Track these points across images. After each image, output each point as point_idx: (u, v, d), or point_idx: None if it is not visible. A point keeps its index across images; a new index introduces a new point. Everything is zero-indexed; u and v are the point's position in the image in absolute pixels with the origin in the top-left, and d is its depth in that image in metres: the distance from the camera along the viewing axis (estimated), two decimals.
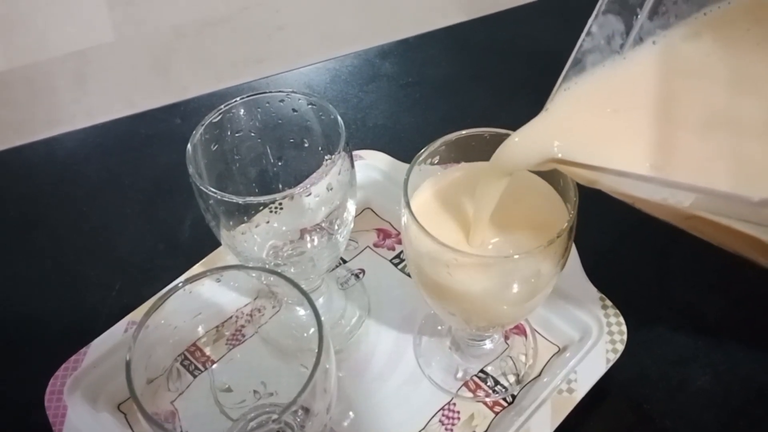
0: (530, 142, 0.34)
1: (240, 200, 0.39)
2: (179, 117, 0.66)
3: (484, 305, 0.39)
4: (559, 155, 0.32)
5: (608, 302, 0.47)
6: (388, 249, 0.54)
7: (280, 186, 0.48)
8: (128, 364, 0.34)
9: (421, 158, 0.40)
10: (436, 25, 0.74)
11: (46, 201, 0.61)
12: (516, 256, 0.35)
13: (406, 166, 0.55)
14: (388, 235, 0.55)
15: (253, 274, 0.41)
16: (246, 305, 0.47)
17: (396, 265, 0.53)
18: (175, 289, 0.37)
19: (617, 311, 0.46)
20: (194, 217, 0.59)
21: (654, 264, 0.53)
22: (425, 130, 0.64)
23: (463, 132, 0.40)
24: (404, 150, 0.57)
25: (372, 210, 0.57)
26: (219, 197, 0.39)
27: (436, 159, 0.40)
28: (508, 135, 0.39)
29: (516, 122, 0.59)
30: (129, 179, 0.62)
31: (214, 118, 0.43)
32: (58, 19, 2.03)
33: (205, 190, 0.39)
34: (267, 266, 0.45)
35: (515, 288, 0.37)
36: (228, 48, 1.89)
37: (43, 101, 1.80)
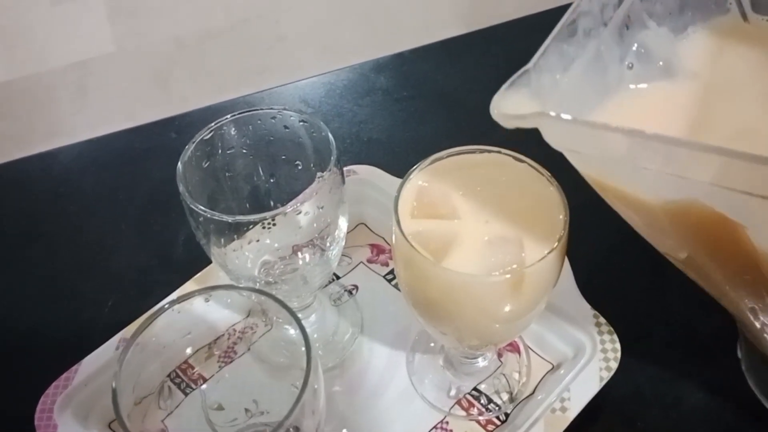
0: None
1: (230, 219, 0.39)
2: (174, 131, 0.66)
3: (476, 324, 0.39)
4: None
5: (602, 319, 0.46)
6: (382, 265, 0.54)
7: (272, 203, 0.48)
8: (114, 391, 0.34)
9: (411, 176, 0.39)
10: (437, 36, 0.74)
11: (42, 215, 0.61)
12: (507, 276, 0.35)
13: (400, 181, 0.55)
14: (381, 251, 0.55)
15: (244, 294, 0.41)
16: (238, 323, 0.47)
17: (389, 281, 0.53)
18: (162, 309, 0.36)
19: (611, 328, 0.46)
20: (188, 232, 0.58)
21: (648, 279, 0.53)
22: (420, 145, 0.64)
23: (454, 150, 0.40)
24: (399, 165, 0.57)
25: (366, 225, 0.56)
26: (209, 215, 0.39)
27: (427, 177, 0.40)
28: (499, 153, 0.39)
29: (511, 138, 0.59)
30: (124, 194, 0.62)
31: (206, 135, 0.43)
32: (58, 30, 2.03)
33: (195, 208, 0.39)
34: (258, 283, 0.45)
35: (507, 306, 0.36)
36: (228, 60, 1.89)
37: (44, 113, 1.80)
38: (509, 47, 0.72)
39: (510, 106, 0.34)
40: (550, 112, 0.31)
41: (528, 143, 0.42)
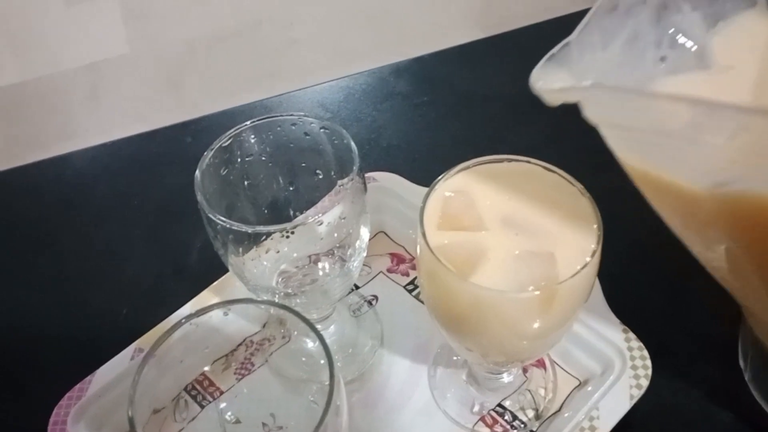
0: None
1: (249, 229, 0.37)
2: (190, 136, 0.65)
3: (503, 341, 0.37)
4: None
5: (631, 335, 0.45)
6: (402, 275, 0.53)
7: (291, 211, 0.46)
8: (131, 404, 0.33)
9: (437, 186, 0.38)
10: (451, 40, 0.73)
11: (54, 221, 0.60)
12: (538, 292, 0.33)
13: (421, 188, 0.54)
14: (401, 260, 0.54)
15: (262, 307, 0.39)
16: (255, 334, 0.46)
17: (410, 291, 0.52)
18: (180, 324, 0.35)
19: (641, 344, 0.44)
20: (203, 239, 0.57)
21: (678, 292, 0.51)
22: (439, 151, 0.62)
23: (481, 159, 0.39)
24: (418, 171, 0.56)
25: (385, 234, 0.55)
26: (228, 226, 0.37)
27: (453, 187, 0.38)
28: (528, 162, 0.38)
29: (531, 144, 0.58)
30: (137, 200, 0.61)
31: (224, 142, 0.42)
32: (72, 32, 2.03)
33: (213, 218, 0.38)
34: (278, 295, 0.44)
35: (536, 323, 0.35)
36: (241, 62, 1.88)
37: (56, 116, 1.79)
38: (527, 52, 0.70)
39: (552, 80, 0.32)
40: (603, 82, 0.29)
41: (549, 151, 0.41)
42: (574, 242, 0.35)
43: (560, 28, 0.36)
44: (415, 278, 0.52)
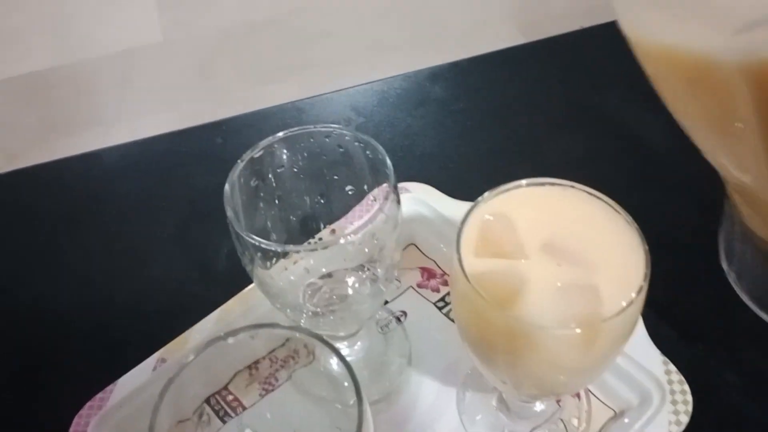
0: None
1: (280, 248, 0.36)
2: (221, 136, 0.64)
3: (539, 375, 0.35)
4: None
5: (672, 366, 0.43)
6: (433, 290, 0.51)
7: (322, 225, 0.45)
8: (152, 426, 0.32)
9: (475, 208, 0.36)
10: (490, 42, 0.71)
11: (79, 219, 0.60)
12: (581, 330, 0.32)
13: (455, 201, 0.52)
14: (432, 275, 0.52)
15: (290, 333, 0.38)
16: (279, 348, 0.45)
17: (440, 308, 0.50)
18: (203, 348, 0.34)
19: (681, 378, 0.42)
20: (230, 244, 0.56)
21: (721, 322, 0.49)
22: (474, 162, 0.60)
23: (522, 181, 0.37)
24: (452, 182, 0.54)
25: (416, 246, 0.53)
26: (257, 243, 0.36)
27: (492, 210, 0.36)
28: (572, 187, 0.36)
29: (569, 158, 0.56)
30: (165, 200, 0.60)
31: (256, 153, 0.40)
32: (106, 18, 2.04)
33: (242, 234, 0.36)
34: (305, 314, 0.43)
35: (577, 361, 0.33)
36: (273, 52, 1.88)
37: (87, 101, 1.81)
38: (568, 60, 0.68)
39: None
40: None
41: (587, 166, 0.39)
42: (619, 275, 0.33)
43: (605, 35, 0.34)
44: (446, 295, 0.51)
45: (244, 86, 1.80)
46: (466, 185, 0.58)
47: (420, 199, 0.53)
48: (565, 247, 0.35)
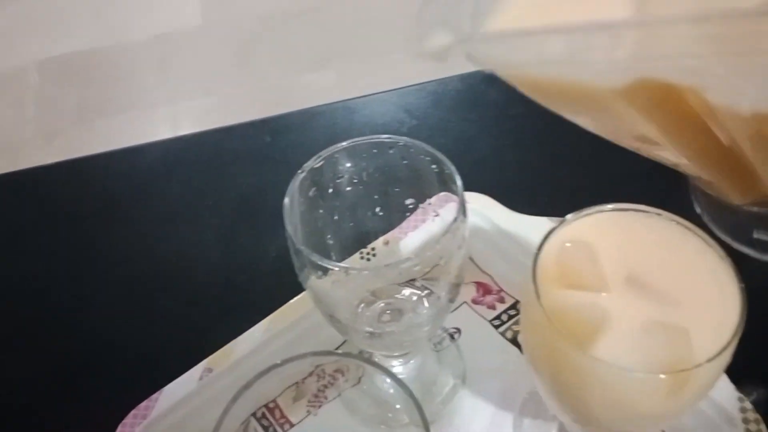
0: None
1: (338, 267, 0.34)
2: (269, 134, 0.62)
3: (614, 417, 0.33)
4: None
5: (748, 404, 0.40)
6: (488, 307, 0.49)
7: (380, 238, 0.43)
8: None
9: (552, 234, 0.34)
10: None
11: (122, 217, 0.58)
12: (667, 375, 0.29)
13: (514, 214, 0.50)
14: (488, 291, 0.50)
15: (345, 360, 0.36)
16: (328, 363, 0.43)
17: (496, 327, 0.48)
18: (259, 375, 0.32)
19: (758, 416, 0.40)
20: (279, 246, 0.54)
21: None
22: (532, 171, 0.58)
23: (604, 207, 0.34)
24: (509, 192, 0.52)
25: (472, 259, 0.51)
26: (317, 261, 0.34)
27: (571, 237, 0.34)
28: (658, 215, 0.34)
29: (633, 171, 0.53)
30: (210, 200, 0.59)
31: (316, 164, 0.38)
32: (146, 1, 2.03)
33: (304, 254, 0.34)
34: (359, 328, 0.41)
35: (659, 407, 0.31)
36: (311, 40, 1.86)
37: (125, 83, 1.80)
38: None
39: (435, 41, 0.32)
40: (475, 35, 0.31)
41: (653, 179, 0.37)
42: (711, 315, 0.31)
43: None
44: (502, 313, 0.48)
45: (282, 73, 1.78)
46: (525, 196, 0.56)
47: (477, 210, 0.50)
48: (651, 282, 0.32)
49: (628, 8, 0.31)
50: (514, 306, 0.49)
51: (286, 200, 0.36)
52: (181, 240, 0.56)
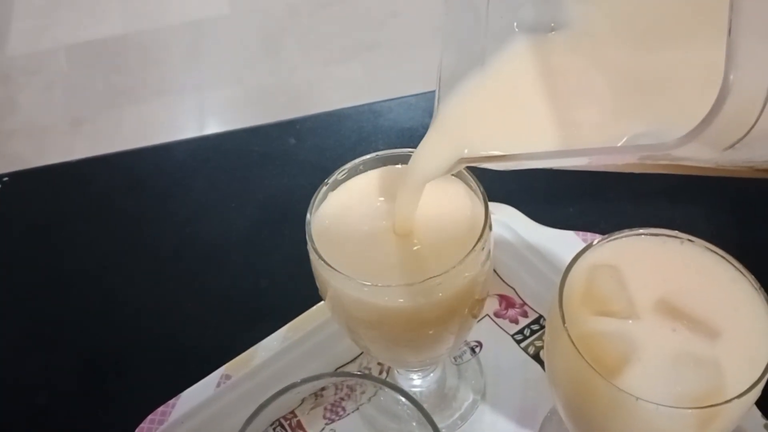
0: (437, 151, 0.33)
1: (365, 287, 0.33)
2: (294, 137, 0.62)
3: None
4: (466, 153, 0.33)
5: None
6: (511, 321, 0.48)
7: None
8: None
9: (579, 259, 0.33)
10: None
11: (149, 217, 0.58)
12: (697, 410, 0.28)
13: (539, 226, 0.49)
14: (511, 304, 0.49)
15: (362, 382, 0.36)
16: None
17: (518, 342, 0.47)
18: (279, 393, 0.32)
19: None
20: (301, 255, 0.54)
21: None
22: (557, 181, 0.56)
23: (633, 231, 0.33)
24: (535, 204, 0.51)
25: (495, 272, 0.50)
26: (345, 276, 0.34)
27: (599, 261, 0.33)
28: (690, 241, 0.33)
29: (667, 188, 0.51)
30: (236, 202, 0.58)
31: (340, 175, 0.38)
32: None
33: (329, 266, 0.34)
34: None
35: None
36: (338, 31, 1.85)
37: (154, 70, 1.81)
38: None
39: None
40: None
41: (685, 197, 0.36)
42: (742, 348, 0.30)
43: None
44: (524, 327, 0.48)
45: (309, 64, 1.78)
46: (551, 208, 0.55)
47: (502, 221, 0.50)
48: (682, 310, 0.31)
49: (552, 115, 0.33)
50: (537, 321, 0.48)
51: (308, 216, 0.36)
52: (207, 239, 0.56)
